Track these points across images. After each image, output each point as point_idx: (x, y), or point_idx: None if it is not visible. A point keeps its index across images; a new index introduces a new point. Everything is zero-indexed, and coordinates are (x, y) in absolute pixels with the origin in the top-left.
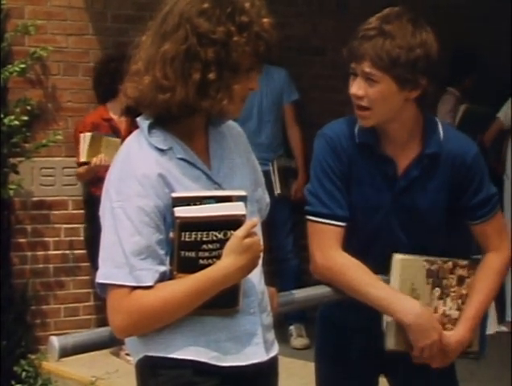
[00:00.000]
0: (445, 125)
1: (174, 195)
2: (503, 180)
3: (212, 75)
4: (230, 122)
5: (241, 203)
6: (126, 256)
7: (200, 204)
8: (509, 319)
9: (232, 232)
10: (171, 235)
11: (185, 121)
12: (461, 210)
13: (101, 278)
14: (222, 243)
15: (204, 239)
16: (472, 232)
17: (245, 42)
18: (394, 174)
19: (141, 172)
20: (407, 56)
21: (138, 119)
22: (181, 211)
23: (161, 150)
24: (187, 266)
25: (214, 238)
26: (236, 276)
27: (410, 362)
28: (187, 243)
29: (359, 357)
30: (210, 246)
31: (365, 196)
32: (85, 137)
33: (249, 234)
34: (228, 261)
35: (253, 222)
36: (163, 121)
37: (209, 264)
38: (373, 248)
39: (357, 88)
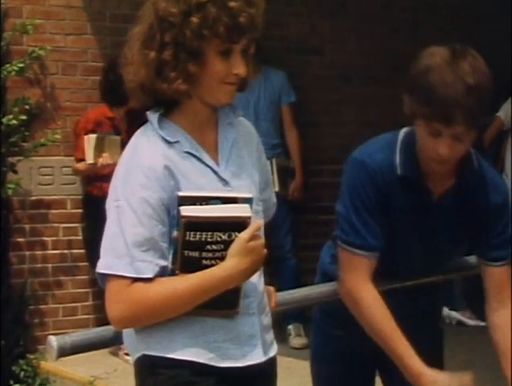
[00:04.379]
0: (478, 156)
1: (180, 193)
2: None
3: (166, 55)
4: (243, 121)
5: (246, 205)
6: (128, 246)
7: (206, 204)
8: None
9: (236, 233)
10: (175, 234)
11: (188, 113)
12: (481, 248)
13: (101, 268)
14: (226, 244)
15: (209, 239)
16: (485, 275)
17: (200, 23)
18: (429, 202)
19: (147, 164)
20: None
21: (147, 112)
22: (187, 211)
23: (168, 143)
24: (190, 266)
25: (218, 239)
26: (239, 278)
27: None
28: (191, 242)
29: (355, 357)
30: (214, 247)
31: (398, 224)
32: (90, 139)
33: (254, 237)
34: (232, 263)
35: (258, 224)
36: (172, 113)
37: (212, 265)
38: (393, 269)
39: (448, 149)
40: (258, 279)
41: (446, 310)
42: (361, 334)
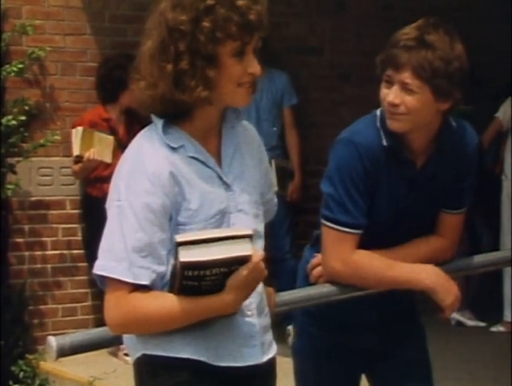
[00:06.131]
0: (453, 117)
1: (178, 239)
2: (501, 181)
3: (183, 64)
4: (245, 123)
5: (247, 242)
6: (127, 251)
7: (205, 243)
8: (508, 320)
9: (237, 266)
10: (173, 262)
11: (198, 119)
12: (449, 198)
13: (98, 269)
14: (226, 274)
15: (207, 273)
16: (440, 221)
17: (212, 26)
18: (412, 174)
19: (152, 169)
20: (446, 68)
21: (152, 116)
22: (185, 255)
23: (172, 148)
24: (189, 291)
25: (218, 272)
26: (235, 307)
27: (390, 358)
28: (190, 276)
29: (339, 358)
30: (213, 277)
31: (386, 199)
32: (77, 132)
33: (255, 268)
34: (230, 296)
35: (259, 257)
36: (176, 119)
37: (211, 289)
38: (383, 243)
39: (393, 96)
40: None
41: None
42: (345, 335)
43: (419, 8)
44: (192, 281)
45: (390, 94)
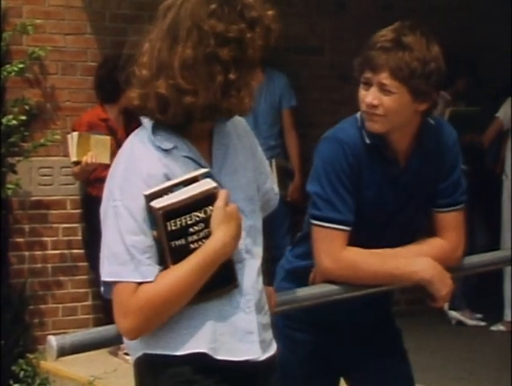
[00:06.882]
0: (433, 117)
1: (145, 193)
2: (502, 180)
3: (232, 75)
4: (236, 119)
5: (208, 179)
6: (131, 253)
7: (171, 193)
8: (508, 319)
9: (210, 207)
10: (155, 233)
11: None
12: (437, 197)
13: (107, 276)
14: (206, 222)
15: (189, 222)
16: (436, 221)
17: (258, 37)
18: (396, 173)
19: (146, 172)
20: (423, 69)
21: (141, 118)
22: (159, 203)
23: (165, 150)
24: (180, 255)
25: (197, 219)
26: (231, 244)
27: (372, 361)
28: (174, 231)
29: (321, 360)
30: (196, 228)
31: (372, 197)
32: (72, 137)
33: (227, 203)
34: (220, 232)
35: (226, 191)
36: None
37: (200, 246)
38: (372, 244)
39: (372, 97)
40: (256, 277)
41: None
42: (327, 335)
43: (419, 8)
44: (179, 238)
45: (368, 95)
